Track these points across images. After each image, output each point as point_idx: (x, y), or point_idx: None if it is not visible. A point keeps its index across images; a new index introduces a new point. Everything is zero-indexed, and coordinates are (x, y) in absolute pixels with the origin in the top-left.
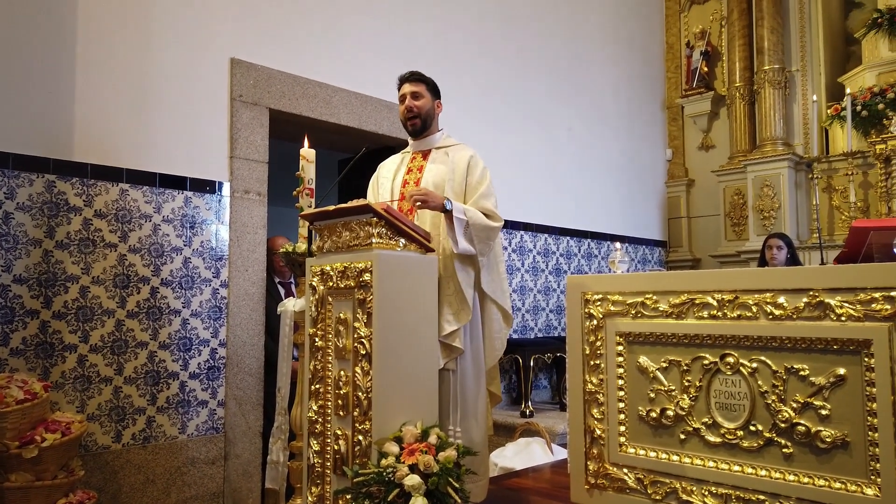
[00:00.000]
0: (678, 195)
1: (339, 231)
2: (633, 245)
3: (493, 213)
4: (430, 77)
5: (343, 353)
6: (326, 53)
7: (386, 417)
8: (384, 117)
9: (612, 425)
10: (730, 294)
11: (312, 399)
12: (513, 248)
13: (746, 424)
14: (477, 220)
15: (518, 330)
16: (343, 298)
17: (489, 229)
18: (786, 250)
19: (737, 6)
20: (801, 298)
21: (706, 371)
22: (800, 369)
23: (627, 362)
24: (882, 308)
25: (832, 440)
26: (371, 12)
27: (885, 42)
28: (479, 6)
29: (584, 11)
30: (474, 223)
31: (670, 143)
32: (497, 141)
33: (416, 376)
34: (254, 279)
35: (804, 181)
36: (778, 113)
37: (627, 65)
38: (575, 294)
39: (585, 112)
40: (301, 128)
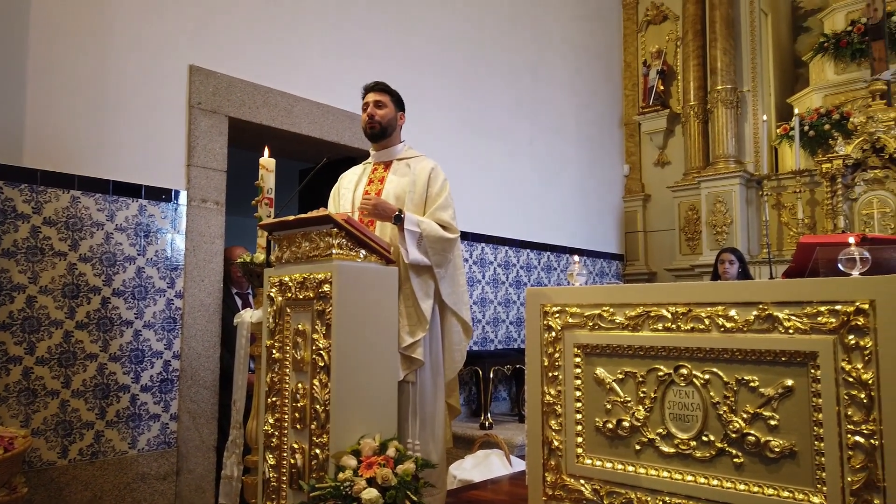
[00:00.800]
0: (635, 210)
1: (298, 241)
2: (592, 258)
3: (449, 225)
4: (395, 89)
5: (301, 365)
6: (288, 62)
7: (344, 430)
8: (346, 128)
9: (570, 437)
10: (683, 307)
11: (269, 412)
12: (473, 260)
13: (699, 435)
14: (431, 232)
15: (478, 342)
16: (302, 310)
17: (444, 241)
18: (737, 265)
19: (691, 28)
20: (751, 312)
21: (661, 382)
22: (750, 381)
23: (585, 374)
24: (827, 321)
25: (781, 450)
26: (334, 22)
27: (831, 65)
28: (443, 21)
29: (546, 29)
30: (428, 235)
31: (628, 158)
32: (459, 153)
33: (375, 389)
34: (210, 290)
35: (755, 198)
36: (730, 131)
37: (587, 82)
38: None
39: (546, 127)
40: (261, 137)
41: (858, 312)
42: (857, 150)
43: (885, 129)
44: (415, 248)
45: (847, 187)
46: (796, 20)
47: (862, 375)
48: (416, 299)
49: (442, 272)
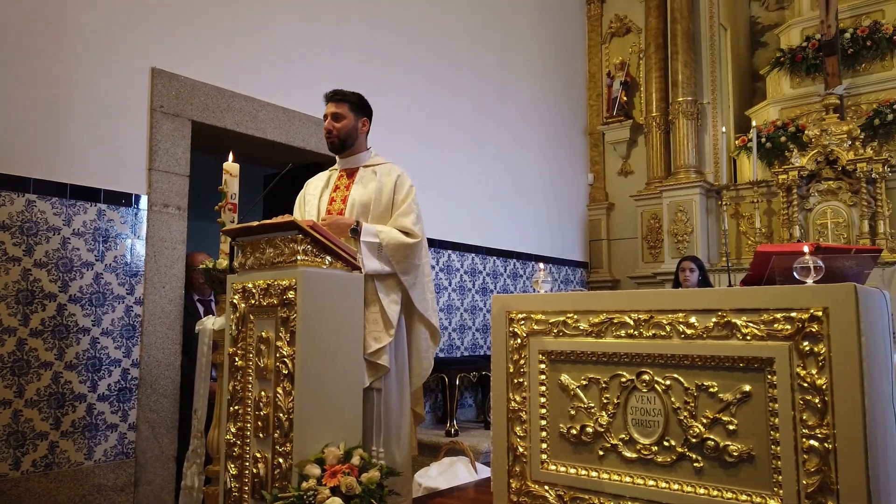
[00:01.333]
0: (599, 218)
1: (262, 247)
2: (557, 266)
3: (410, 230)
4: (358, 94)
5: (264, 372)
6: (254, 67)
7: (308, 439)
8: (312, 133)
9: (535, 443)
10: (646, 314)
11: (231, 421)
12: (440, 267)
13: (660, 440)
14: (391, 240)
15: (444, 349)
16: (265, 317)
17: (406, 247)
18: (697, 272)
19: (654, 40)
20: (710, 318)
21: (623, 388)
22: (709, 386)
23: (549, 380)
24: (783, 328)
25: (739, 454)
26: (300, 27)
27: (787, 79)
28: (411, 29)
29: (513, 39)
30: (388, 243)
31: (592, 168)
32: (426, 161)
33: (340, 396)
34: (171, 296)
35: (714, 207)
36: (691, 142)
37: (553, 92)
38: (500, 313)
39: (513, 136)
40: (225, 141)
41: (813, 319)
42: (811, 161)
43: (837, 141)
44: (373, 259)
45: (802, 198)
46: (754, 35)
47: (816, 381)
48: (381, 305)
49: (411, 279)
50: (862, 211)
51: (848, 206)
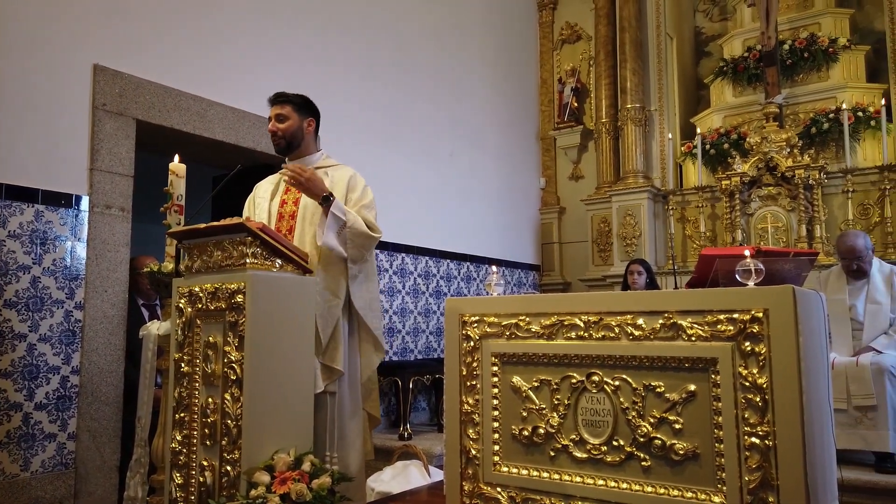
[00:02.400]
0: (551, 222)
1: (210, 250)
2: (510, 268)
3: (373, 225)
4: (301, 95)
5: (212, 378)
6: (202, 65)
7: (257, 445)
8: (263, 134)
9: (487, 445)
10: (595, 316)
11: (176, 428)
12: (394, 270)
13: (610, 440)
14: (356, 225)
15: (398, 352)
16: (213, 321)
17: (367, 237)
18: (645, 275)
19: (603, 48)
20: (657, 320)
21: (574, 389)
22: (657, 386)
23: (502, 382)
24: (726, 329)
25: (684, 452)
26: (252, 25)
27: (729, 88)
28: (365, 30)
29: (467, 43)
30: (353, 226)
31: (544, 172)
32: (379, 164)
33: (291, 401)
34: (114, 301)
35: (661, 212)
36: (639, 148)
37: (505, 97)
38: (453, 316)
39: (466, 139)
40: (172, 141)
41: (754, 320)
42: (752, 168)
43: (777, 149)
44: (332, 234)
45: (744, 203)
46: (699, 45)
47: (757, 380)
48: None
49: (356, 270)
50: (800, 216)
51: (787, 210)
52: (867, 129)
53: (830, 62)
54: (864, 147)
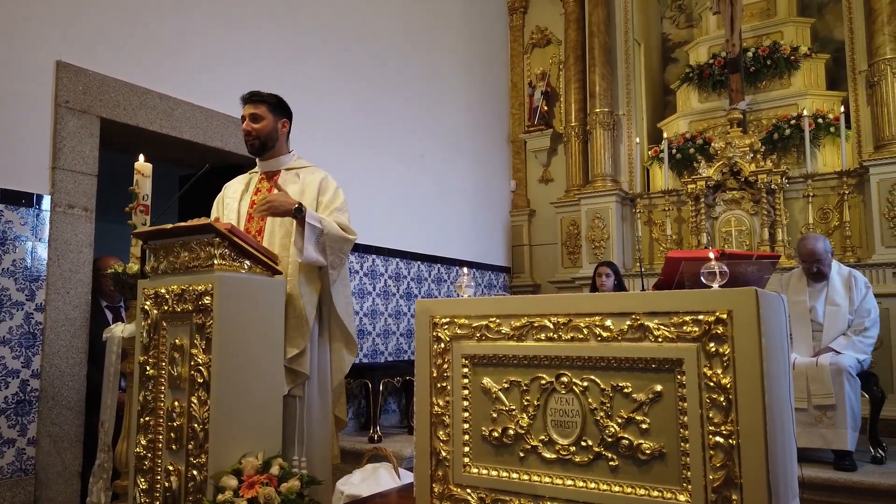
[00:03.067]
0: (521, 224)
1: (176, 251)
2: (480, 270)
3: (347, 227)
4: (276, 95)
5: (178, 381)
6: (170, 63)
7: (224, 449)
8: (231, 134)
9: (457, 446)
10: (564, 317)
11: (141, 433)
12: (364, 272)
13: (578, 440)
14: (333, 230)
15: (368, 354)
16: (179, 323)
17: (344, 241)
18: (613, 277)
19: (572, 52)
20: (625, 321)
21: (543, 390)
22: (624, 387)
23: (472, 384)
24: (691, 330)
25: (651, 452)
26: (221, 24)
27: (695, 94)
28: (336, 30)
29: (439, 45)
30: (329, 232)
31: (514, 174)
32: (350, 164)
33: (259, 404)
34: (76, 302)
35: (629, 214)
36: (607, 152)
37: (477, 99)
38: (424, 318)
39: (438, 141)
40: (138, 140)
41: (718, 322)
42: (717, 172)
43: (741, 154)
44: (312, 246)
45: (709, 206)
46: (665, 51)
47: (721, 380)
48: (300, 306)
49: (335, 275)
50: (762, 219)
51: (750, 214)
52: (827, 136)
53: (792, 70)
54: (824, 153)
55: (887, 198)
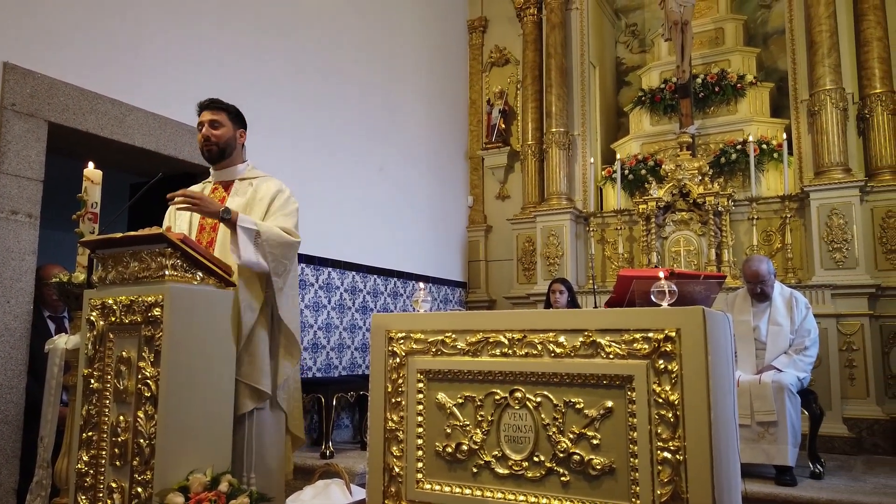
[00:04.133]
0: (477, 240)
1: (126, 261)
2: (437, 285)
3: (291, 231)
4: (233, 105)
5: (124, 395)
6: (122, 68)
7: (171, 465)
8: (186, 142)
9: (411, 462)
10: (519, 333)
11: (83, 448)
12: (320, 284)
13: (531, 456)
14: (272, 234)
15: (322, 368)
16: (127, 335)
17: (286, 245)
18: (567, 294)
19: (530, 73)
20: (577, 338)
21: (497, 406)
22: (576, 402)
23: (427, 399)
24: (642, 347)
25: (601, 467)
26: (177, 30)
27: (647, 117)
28: (296, 41)
29: (399, 60)
30: (268, 236)
31: (472, 190)
32: (307, 175)
33: (209, 419)
34: (17, 312)
35: (583, 233)
36: (562, 171)
37: (436, 115)
38: (379, 332)
39: (397, 155)
40: (88, 146)
41: (667, 339)
42: (667, 194)
43: (690, 176)
44: (249, 247)
45: (659, 226)
46: (619, 74)
47: (669, 397)
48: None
49: (280, 283)
50: (710, 240)
51: (698, 235)
52: (770, 161)
53: (739, 97)
54: (768, 177)
55: (826, 222)
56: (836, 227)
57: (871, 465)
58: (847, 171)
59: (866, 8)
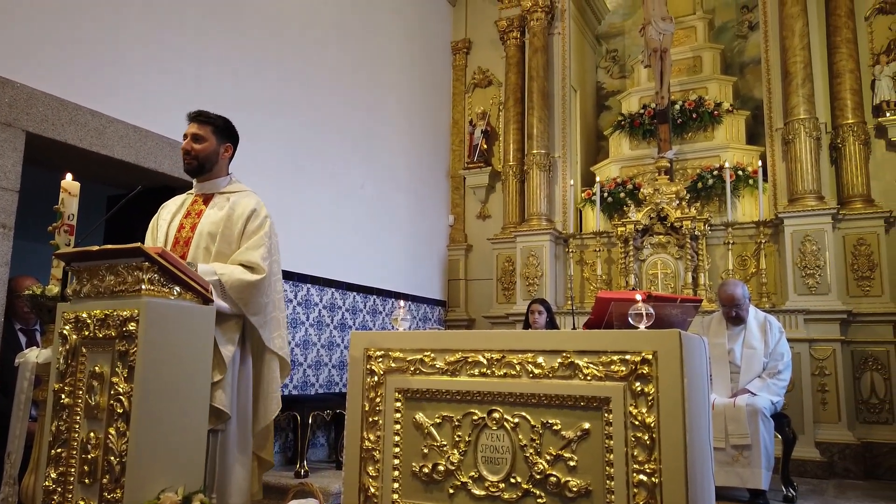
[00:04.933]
0: (458, 258)
1: (101, 274)
2: (416, 303)
3: (256, 265)
4: (224, 118)
5: (95, 411)
6: (103, 79)
7: (142, 484)
8: (166, 155)
9: (387, 482)
10: (498, 353)
11: (51, 465)
12: (298, 301)
13: (508, 477)
14: (233, 281)
15: (298, 386)
16: (100, 350)
17: (249, 286)
18: (546, 315)
19: (512, 94)
20: (556, 359)
21: (475, 426)
22: (554, 424)
23: (405, 419)
24: (619, 369)
25: (578, 489)
26: (159, 44)
27: (626, 141)
28: (280, 56)
29: (382, 80)
30: (231, 284)
31: (453, 209)
32: (288, 192)
33: (182, 437)
34: None
35: (562, 254)
36: (543, 192)
37: (418, 134)
38: (358, 350)
39: (378, 173)
40: (66, 157)
41: (644, 362)
42: (645, 217)
43: (668, 200)
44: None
45: (637, 249)
46: (600, 99)
47: (646, 419)
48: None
49: (260, 319)
50: (686, 264)
51: (675, 258)
52: (746, 187)
53: (715, 124)
54: (744, 203)
55: (800, 248)
56: (809, 253)
57: (842, 489)
58: (820, 198)
59: (839, 41)
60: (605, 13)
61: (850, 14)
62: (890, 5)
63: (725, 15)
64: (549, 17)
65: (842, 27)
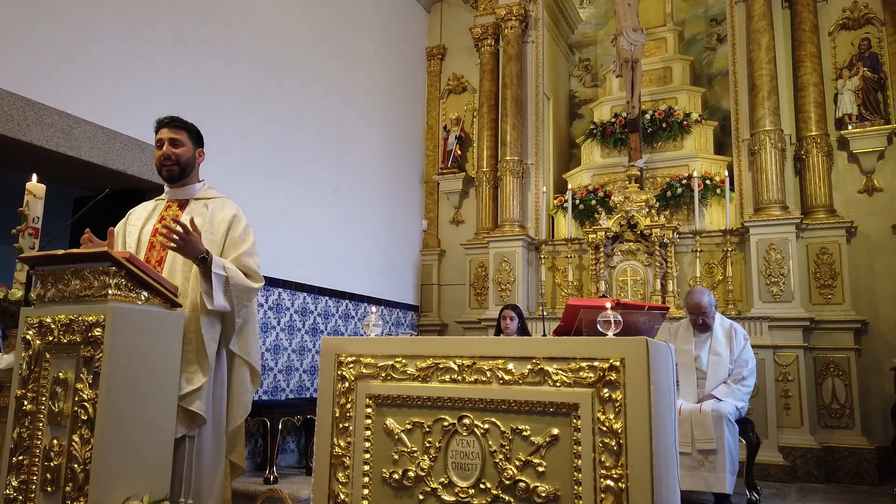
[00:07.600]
0: (431, 263)
1: (67, 279)
2: (389, 308)
3: (254, 274)
4: (192, 123)
5: (59, 418)
6: (70, 79)
7: (106, 491)
8: (135, 157)
9: (357, 489)
10: (469, 359)
11: (13, 473)
12: (269, 305)
13: (477, 483)
14: (238, 280)
15: (268, 391)
16: (65, 355)
17: (249, 291)
18: (517, 321)
19: (486, 101)
20: (526, 365)
21: (445, 432)
22: (523, 430)
23: (375, 425)
24: (587, 376)
25: (546, 495)
26: (128, 43)
27: (598, 149)
28: (251, 58)
29: (358, 82)
30: (235, 283)
31: (426, 214)
32: (259, 194)
33: (148, 444)
34: None
35: (534, 260)
36: (516, 198)
37: (392, 139)
38: (329, 355)
39: (352, 177)
40: (32, 158)
41: (612, 369)
42: (616, 224)
43: (637, 208)
44: (220, 294)
45: (608, 256)
46: (572, 107)
47: (613, 425)
48: (201, 343)
49: (240, 321)
50: (655, 271)
51: (644, 266)
52: (714, 196)
53: (684, 133)
54: (711, 212)
55: (765, 256)
56: (774, 261)
57: (804, 492)
58: (784, 208)
59: (803, 55)
60: (578, 23)
61: (814, 29)
62: (853, 21)
63: (695, 27)
64: (524, 26)
65: (806, 42)
